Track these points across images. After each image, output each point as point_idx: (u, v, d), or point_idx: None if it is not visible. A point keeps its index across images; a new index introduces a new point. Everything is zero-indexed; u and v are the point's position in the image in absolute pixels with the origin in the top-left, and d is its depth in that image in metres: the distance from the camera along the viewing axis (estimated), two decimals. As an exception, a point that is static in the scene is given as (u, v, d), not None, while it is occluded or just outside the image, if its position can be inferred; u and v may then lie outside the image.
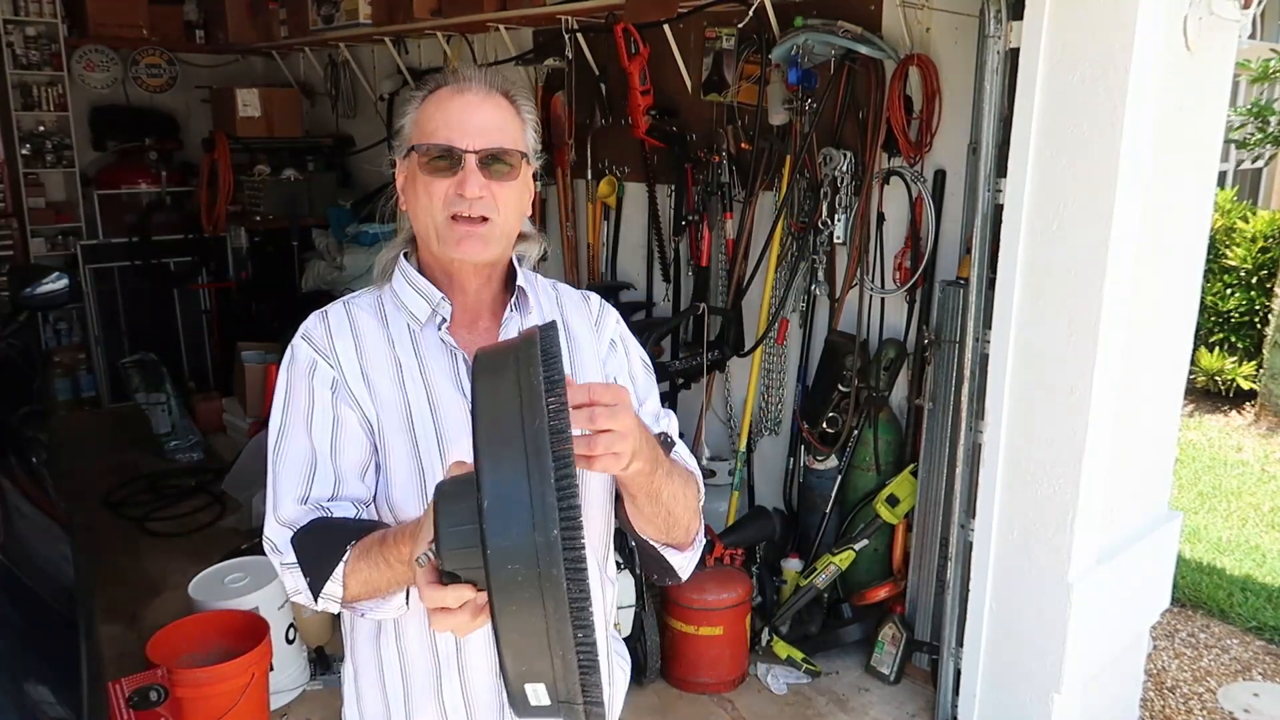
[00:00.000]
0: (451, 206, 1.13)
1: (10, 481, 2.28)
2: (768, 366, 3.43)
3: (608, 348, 1.29)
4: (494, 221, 1.15)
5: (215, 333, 5.73)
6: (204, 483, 4.48)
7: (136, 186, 5.69)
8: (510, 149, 1.15)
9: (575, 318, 1.28)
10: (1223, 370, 5.97)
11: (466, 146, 1.13)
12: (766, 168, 3.26)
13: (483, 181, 1.13)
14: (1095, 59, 2.14)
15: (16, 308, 3.19)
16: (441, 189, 1.13)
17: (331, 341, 1.19)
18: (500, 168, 1.15)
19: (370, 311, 1.22)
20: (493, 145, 1.14)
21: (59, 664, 1.74)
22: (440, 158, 1.13)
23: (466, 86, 1.16)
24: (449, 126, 1.13)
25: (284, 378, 1.20)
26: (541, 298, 1.28)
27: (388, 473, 1.18)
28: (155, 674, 2.55)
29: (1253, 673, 3.21)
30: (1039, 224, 2.30)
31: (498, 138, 1.14)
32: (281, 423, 1.18)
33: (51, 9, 5.24)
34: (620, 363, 1.30)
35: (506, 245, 1.20)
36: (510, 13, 3.81)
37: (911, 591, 2.95)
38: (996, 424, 2.46)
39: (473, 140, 1.13)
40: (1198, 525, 4.33)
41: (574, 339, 1.26)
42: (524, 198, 1.20)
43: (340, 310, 1.22)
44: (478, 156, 1.13)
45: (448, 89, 1.16)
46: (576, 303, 1.31)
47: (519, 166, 1.17)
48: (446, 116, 1.14)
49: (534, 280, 1.29)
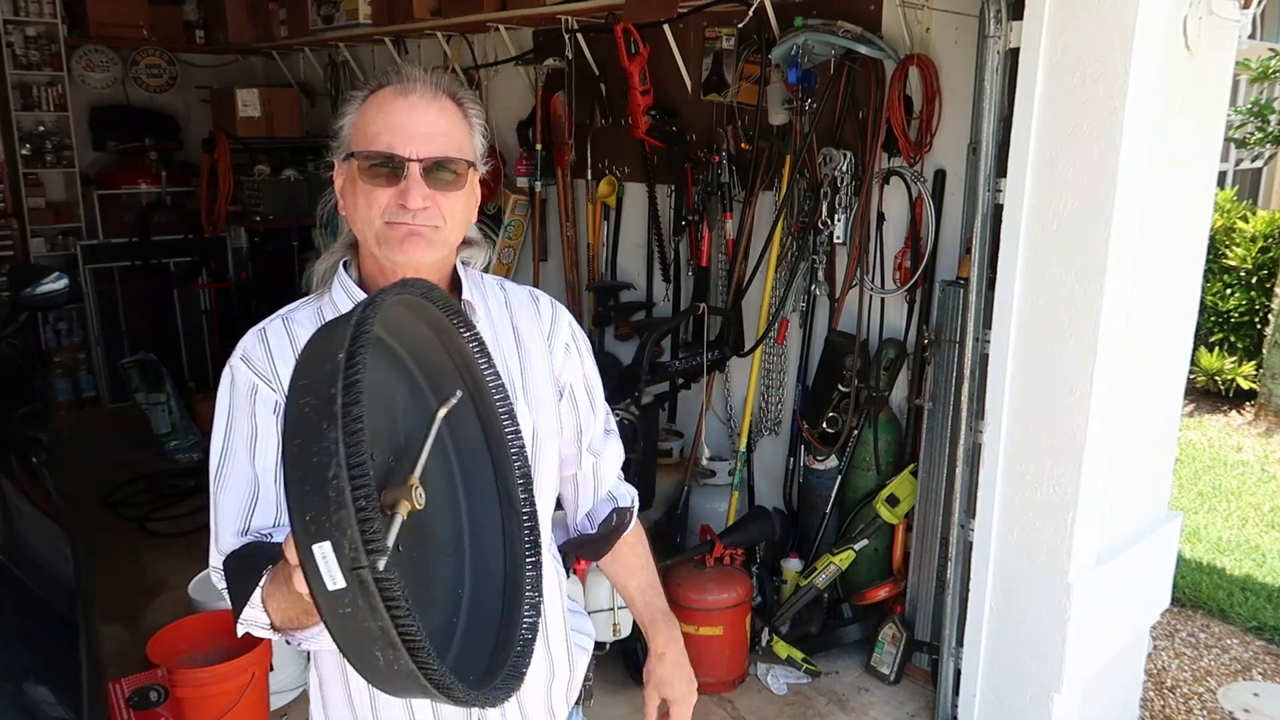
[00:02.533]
0: (393, 216, 1.07)
1: (10, 481, 2.28)
2: (768, 366, 3.43)
3: (562, 352, 1.25)
4: (440, 228, 1.10)
5: (215, 333, 5.73)
6: (204, 483, 4.47)
7: (136, 186, 5.69)
8: (456, 157, 1.09)
9: (525, 322, 1.23)
10: (1223, 370, 5.97)
11: (410, 154, 1.06)
12: (766, 168, 3.26)
13: (426, 192, 1.07)
14: (1095, 59, 2.14)
15: (16, 308, 3.19)
16: (383, 198, 1.07)
17: (272, 362, 1.13)
18: (445, 176, 1.09)
19: (310, 326, 1.15)
20: (438, 153, 1.07)
21: (59, 664, 1.74)
22: (381, 164, 1.07)
23: (411, 88, 1.08)
24: (391, 131, 1.07)
25: (224, 402, 1.14)
26: (490, 302, 1.22)
27: None
28: (155, 674, 2.56)
29: (1253, 673, 3.21)
30: (1039, 224, 2.30)
31: (443, 145, 1.08)
32: (223, 450, 1.13)
33: (51, 9, 5.24)
34: (575, 370, 1.27)
35: (450, 252, 1.16)
36: (510, 13, 3.81)
37: (911, 591, 2.95)
38: (996, 424, 2.46)
39: (417, 148, 1.06)
40: (1198, 525, 4.33)
41: (524, 346, 1.22)
42: (470, 206, 1.15)
43: (279, 327, 1.16)
44: (422, 165, 1.07)
45: (390, 89, 1.09)
46: (525, 304, 1.25)
47: (465, 175, 1.11)
48: (389, 120, 1.07)
49: (480, 282, 1.24)
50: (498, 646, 0.90)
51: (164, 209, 5.69)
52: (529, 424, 1.17)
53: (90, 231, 5.51)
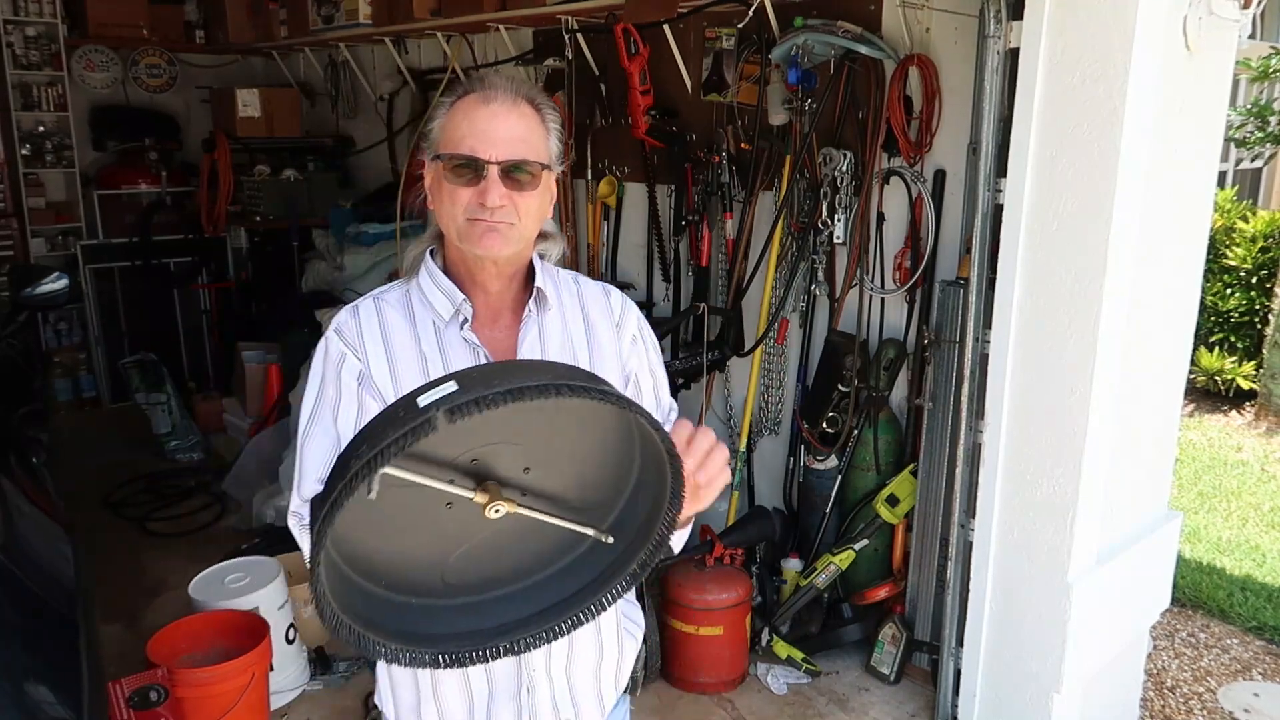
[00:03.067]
0: (473, 214, 1.18)
1: (10, 481, 2.28)
2: (768, 366, 3.43)
3: (629, 344, 1.34)
4: (514, 225, 1.20)
5: (215, 333, 5.72)
6: (204, 483, 4.48)
7: (136, 186, 5.68)
8: (532, 160, 1.19)
9: (595, 312, 1.33)
10: (1223, 370, 5.97)
11: (489, 157, 1.17)
12: (766, 168, 3.26)
13: (504, 191, 1.17)
14: (1095, 59, 2.14)
15: (16, 308, 3.19)
16: (465, 196, 1.18)
17: (361, 336, 1.24)
18: (522, 177, 1.19)
19: (398, 308, 1.27)
20: (515, 156, 1.18)
21: (59, 664, 1.74)
22: (464, 166, 1.18)
23: (492, 95, 1.19)
24: (474, 136, 1.17)
25: (317, 369, 1.26)
26: (563, 294, 1.32)
27: None
28: (155, 674, 2.56)
29: (1253, 673, 3.21)
30: (1039, 224, 2.30)
31: (520, 148, 1.18)
32: (311, 411, 1.24)
33: (51, 9, 5.24)
34: (641, 359, 1.36)
35: (526, 246, 1.25)
36: (510, 13, 3.81)
37: (911, 591, 2.95)
38: (996, 424, 2.46)
39: (496, 151, 1.17)
40: (1198, 525, 4.33)
41: (594, 334, 1.32)
42: (545, 204, 1.25)
43: (370, 306, 1.27)
44: (500, 167, 1.17)
45: (474, 96, 1.20)
46: (597, 296, 1.35)
47: (540, 176, 1.21)
48: (472, 125, 1.18)
49: (555, 275, 1.34)
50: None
51: (164, 209, 5.69)
52: None
53: (90, 231, 5.51)
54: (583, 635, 1.26)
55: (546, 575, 1.04)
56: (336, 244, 5.19)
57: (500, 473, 0.93)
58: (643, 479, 1.01)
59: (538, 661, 1.30)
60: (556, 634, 1.03)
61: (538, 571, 1.04)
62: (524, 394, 0.82)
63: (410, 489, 0.86)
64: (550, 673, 1.32)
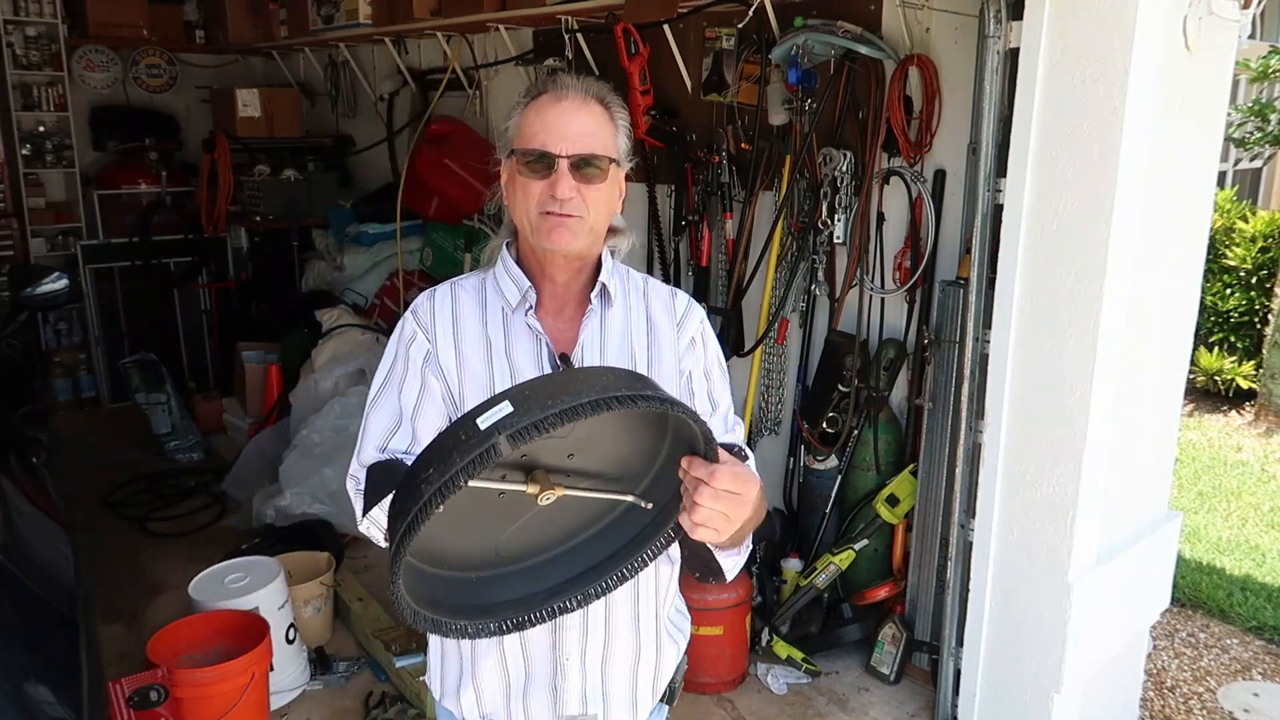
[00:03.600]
0: (545, 206, 1.24)
1: (10, 481, 2.28)
2: (768, 366, 3.43)
3: (687, 345, 1.39)
4: (583, 219, 1.25)
5: (215, 333, 5.72)
6: (204, 483, 4.48)
7: (136, 186, 5.69)
8: (600, 154, 1.25)
9: (659, 312, 1.39)
10: (1223, 370, 5.97)
11: (560, 151, 1.23)
12: (766, 168, 3.26)
13: (573, 184, 1.23)
14: (1095, 59, 2.14)
15: (16, 308, 3.19)
16: (537, 189, 1.24)
17: (433, 318, 1.33)
18: (591, 171, 1.25)
19: (472, 293, 1.35)
20: (584, 150, 1.24)
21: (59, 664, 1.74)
22: (536, 160, 1.24)
23: (564, 94, 1.26)
24: (545, 132, 1.24)
25: (393, 344, 1.35)
26: (630, 292, 1.39)
27: None
28: (155, 674, 2.55)
29: (1253, 673, 3.21)
30: (1039, 224, 2.30)
31: (589, 143, 1.25)
32: (382, 382, 1.34)
33: (51, 9, 5.24)
34: (697, 359, 1.40)
35: (595, 240, 1.31)
36: (510, 13, 3.81)
37: (911, 591, 2.95)
38: (996, 424, 2.46)
39: (566, 145, 1.23)
40: (1198, 525, 4.33)
41: (655, 332, 1.37)
42: (613, 197, 1.31)
43: (446, 290, 1.36)
44: (569, 161, 1.23)
45: (548, 96, 1.27)
46: (663, 298, 1.41)
47: (608, 170, 1.27)
48: (544, 122, 1.25)
49: (624, 275, 1.40)
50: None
51: (164, 209, 5.69)
52: None
53: (90, 231, 5.51)
54: (620, 631, 1.35)
55: (590, 536, 1.12)
56: (336, 244, 5.19)
57: (546, 461, 1.00)
58: (674, 450, 1.07)
59: (572, 649, 1.33)
60: (604, 589, 1.10)
61: (581, 533, 1.12)
62: (578, 413, 0.89)
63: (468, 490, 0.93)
64: (585, 664, 1.34)
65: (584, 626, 1.33)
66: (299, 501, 3.73)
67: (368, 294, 4.95)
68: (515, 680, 1.35)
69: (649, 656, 1.40)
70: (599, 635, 1.34)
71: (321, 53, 5.56)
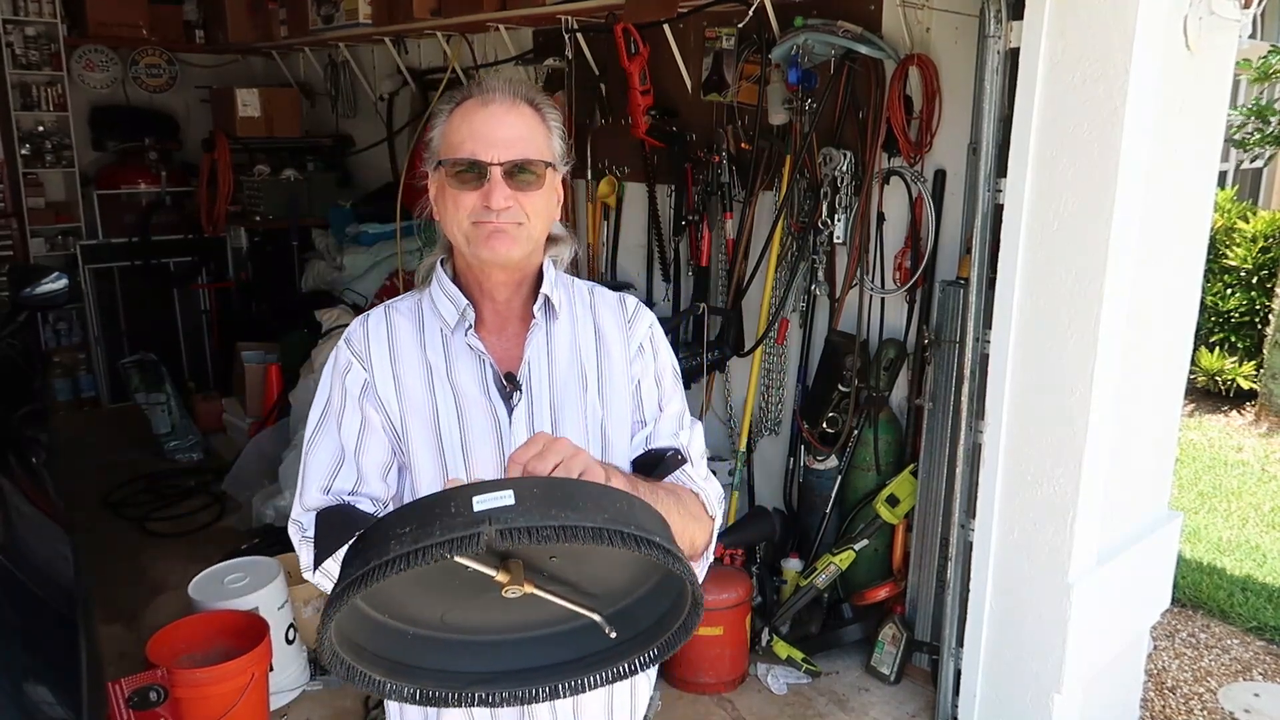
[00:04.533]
0: (479, 217, 1.17)
1: (10, 481, 2.28)
2: (768, 366, 3.43)
3: (636, 350, 1.31)
4: (522, 225, 1.19)
5: (215, 333, 5.72)
6: (204, 483, 4.48)
7: (136, 186, 5.68)
8: (535, 159, 1.18)
9: (607, 322, 1.31)
10: (1223, 370, 5.97)
11: (491, 159, 1.16)
12: (766, 168, 3.26)
13: (508, 192, 1.16)
14: (1095, 59, 2.14)
15: (16, 308, 3.18)
16: (469, 201, 1.17)
17: (368, 346, 1.25)
18: (526, 177, 1.18)
19: (409, 315, 1.28)
20: (517, 156, 1.17)
21: (59, 664, 1.74)
22: (467, 170, 1.17)
23: (490, 98, 1.18)
24: (474, 139, 1.16)
25: (326, 377, 1.28)
26: (576, 303, 1.31)
27: (412, 472, 1.23)
28: (155, 674, 2.56)
29: (1253, 673, 3.21)
30: (1039, 224, 2.30)
31: (522, 148, 1.17)
32: (319, 419, 1.26)
33: (51, 9, 5.24)
34: (646, 366, 1.32)
35: (535, 249, 1.24)
36: (510, 13, 3.81)
37: (911, 591, 2.95)
38: (996, 424, 2.46)
39: (497, 152, 1.16)
40: (1198, 525, 4.33)
41: (604, 344, 1.30)
42: (551, 203, 1.23)
43: (380, 315, 1.28)
44: (503, 168, 1.16)
45: (473, 101, 1.19)
46: (611, 305, 1.34)
47: (544, 174, 1.20)
48: (472, 129, 1.17)
49: (568, 285, 1.32)
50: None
51: (164, 209, 5.69)
52: (597, 417, 1.26)
53: (90, 231, 5.51)
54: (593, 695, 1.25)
55: (543, 636, 1.05)
56: (336, 244, 5.19)
57: (525, 553, 0.93)
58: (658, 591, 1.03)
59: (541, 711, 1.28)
60: (532, 698, 1.03)
61: (535, 630, 1.05)
62: (577, 535, 0.83)
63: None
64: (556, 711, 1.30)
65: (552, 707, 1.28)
66: (299, 501, 3.73)
67: (368, 294, 4.95)
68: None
69: (622, 692, 1.36)
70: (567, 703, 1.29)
71: (321, 52, 5.55)
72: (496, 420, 1.22)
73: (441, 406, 1.22)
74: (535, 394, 1.24)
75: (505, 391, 1.23)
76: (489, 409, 1.22)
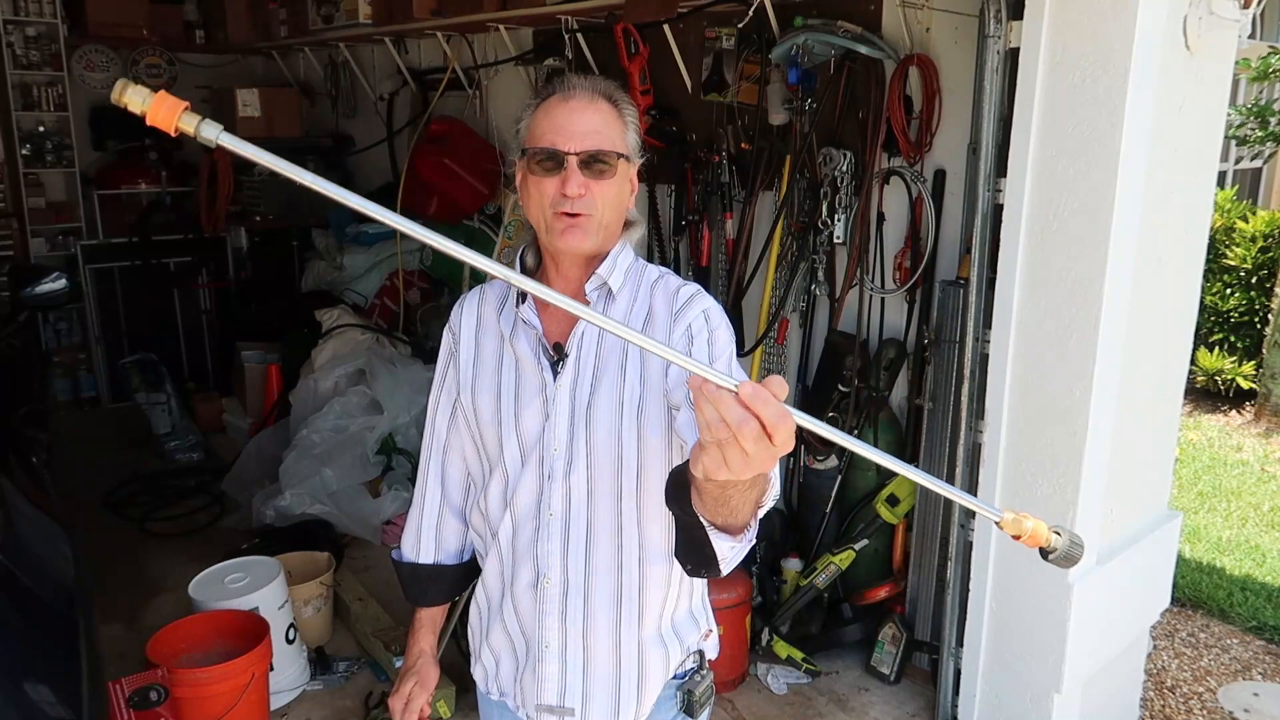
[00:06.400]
0: (557, 205, 1.27)
1: (10, 481, 2.28)
2: (768, 366, 3.43)
3: (680, 335, 1.31)
4: (593, 216, 1.28)
5: (215, 333, 5.72)
6: (204, 483, 4.48)
7: (136, 186, 5.69)
8: (608, 150, 1.28)
9: (660, 307, 1.37)
10: (1222, 370, 5.97)
11: (568, 149, 1.26)
12: (766, 168, 3.26)
13: (582, 180, 1.26)
14: (1095, 59, 2.14)
15: (16, 308, 3.19)
16: (548, 187, 1.27)
17: (460, 318, 1.46)
18: (600, 167, 1.28)
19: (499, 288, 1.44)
20: (592, 147, 1.27)
21: (59, 664, 1.74)
22: (546, 159, 1.27)
23: (572, 94, 1.29)
24: (554, 131, 1.27)
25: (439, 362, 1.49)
26: (641, 287, 1.37)
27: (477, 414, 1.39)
28: (155, 674, 2.55)
29: (1253, 672, 3.21)
30: (1039, 224, 2.30)
31: (597, 140, 1.27)
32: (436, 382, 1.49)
33: (51, 9, 5.24)
34: (700, 353, 1.31)
35: (607, 236, 1.33)
36: (510, 13, 3.81)
37: (911, 591, 2.95)
38: (996, 424, 2.46)
39: (574, 143, 1.26)
40: (1198, 525, 4.33)
41: (652, 323, 1.36)
42: (624, 192, 1.34)
43: (475, 293, 1.47)
44: (579, 158, 1.26)
45: (556, 97, 1.30)
46: (670, 290, 1.38)
47: (616, 165, 1.29)
48: (553, 122, 1.28)
49: (639, 270, 1.39)
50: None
51: (164, 209, 5.69)
52: (635, 396, 1.32)
53: (90, 231, 5.51)
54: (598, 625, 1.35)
55: None
56: (336, 244, 5.19)
57: None
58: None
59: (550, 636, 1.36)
60: None
61: None
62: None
63: None
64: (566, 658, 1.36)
65: (561, 613, 1.35)
66: (299, 501, 3.73)
67: (368, 294, 4.95)
68: (520, 656, 1.42)
69: (630, 661, 1.37)
70: (577, 625, 1.34)
71: (321, 52, 5.55)
72: (544, 383, 1.34)
73: (505, 364, 1.38)
74: (581, 365, 1.33)
75: (551, 359, 1.34)
76: (538, 372, 1.35)
